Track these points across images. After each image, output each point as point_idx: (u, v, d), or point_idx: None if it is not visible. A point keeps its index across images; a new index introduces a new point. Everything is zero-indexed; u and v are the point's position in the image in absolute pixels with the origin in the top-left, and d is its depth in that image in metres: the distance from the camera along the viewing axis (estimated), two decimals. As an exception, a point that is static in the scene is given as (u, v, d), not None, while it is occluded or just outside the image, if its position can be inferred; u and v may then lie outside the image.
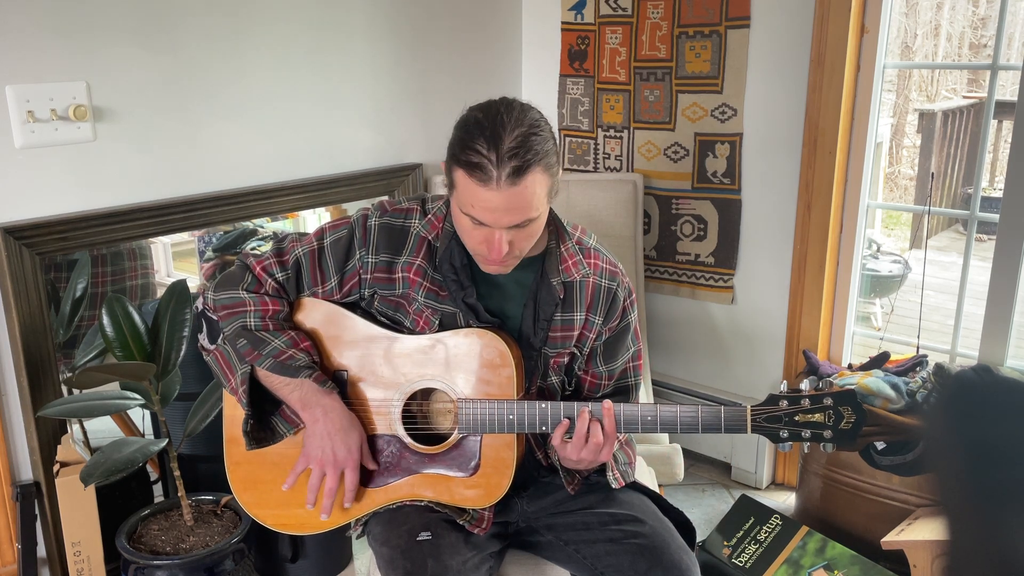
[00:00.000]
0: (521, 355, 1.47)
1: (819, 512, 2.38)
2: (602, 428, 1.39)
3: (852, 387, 1.34)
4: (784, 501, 2.68)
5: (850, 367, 2.49)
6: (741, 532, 2.24)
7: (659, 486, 2.08)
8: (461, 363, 1.44)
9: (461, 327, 1.46)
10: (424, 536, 1.42)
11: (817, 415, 1.34)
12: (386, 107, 2.60)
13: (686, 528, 1.56)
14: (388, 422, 1.47)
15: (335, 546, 2.23)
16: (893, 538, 2.09)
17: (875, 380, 2.25)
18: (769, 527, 2.24)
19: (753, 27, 2.54)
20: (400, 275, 1.47)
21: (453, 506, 1.48)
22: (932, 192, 5.94)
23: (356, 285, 1.49)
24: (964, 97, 7.06)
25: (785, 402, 1.35)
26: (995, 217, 2.25)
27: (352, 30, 2.47)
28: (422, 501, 1.47)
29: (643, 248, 2.81)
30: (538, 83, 3.01)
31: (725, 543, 2.23)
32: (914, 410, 2.18)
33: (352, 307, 1.51)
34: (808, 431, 1.34)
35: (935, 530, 2.05)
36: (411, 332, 1.48)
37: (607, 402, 1.40)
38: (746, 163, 2.65)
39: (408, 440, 1.47)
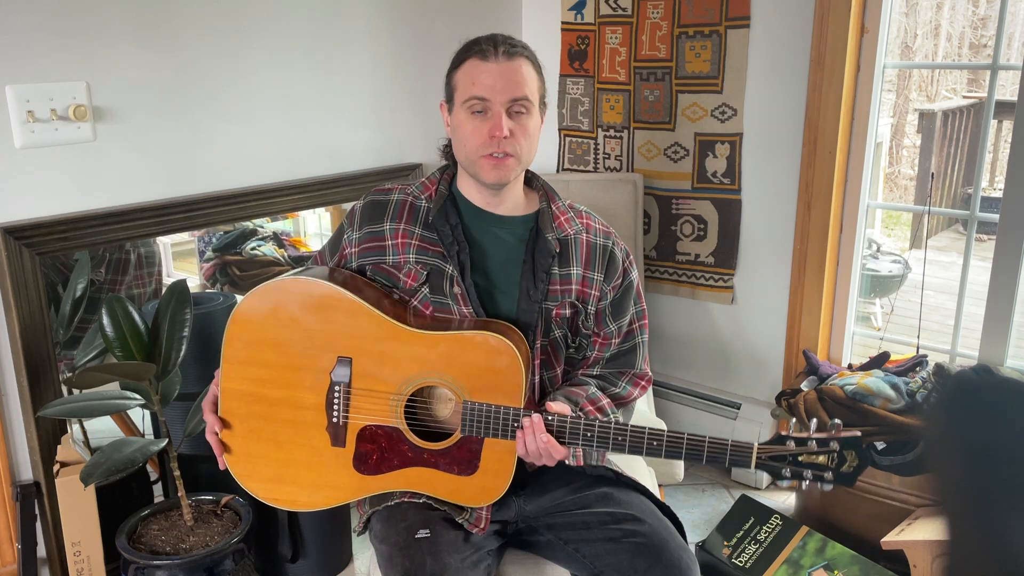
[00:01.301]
0: (530, 359, 1.49)
1: (819, 512, 2.38)
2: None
3: (857, 434, 1.35)
4: (784, 501, 2.68)
5: (850, 367, 2.49)
6: (741, 532, 2.24)
7: (659, 486, 2.08)
8: (470, 364, 1.44)
9: (448, 283, 1.51)
10: (423, 534, 1.42)
11: (821, 458, 1.35)
12: (386, 107, 2.60)
13: (676, 524, 1.57)
14: (390, 413, 1.46)
15: (335, 546, 2.23)
16: (893, 538, 2.09)
17: (875, 380, 2.25)
18: (769, 527, 2.24)
19: (753, 27, 2.54)
20: (389, 242, 1.55)
21: (451, 503, 1.48)
22: (932, 192, 5.94)
23: (343, 259, 1.59)
24: (964, 97, 7.06)
25: (792, 443, 1.36)
26: (995, 217, 2.25)
27: (352, 30, 2.47)
28: (419, 495, 1.48)
29: (643, 248, 2.81)
30: (538, 83, 3.01)
31: (725, 543, 2.23)
32: (914, 410, 2.18)
33: (367, 297, 1.50)
34: (810, 471, 1.35)
35: (935, 530, 2.05)
36: (416, 318, 1.51)
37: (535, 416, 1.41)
38: (746, 163, 2.65)
39: (409, 434, 1.47)
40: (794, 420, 1.41)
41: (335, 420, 1.47)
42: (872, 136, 2.47)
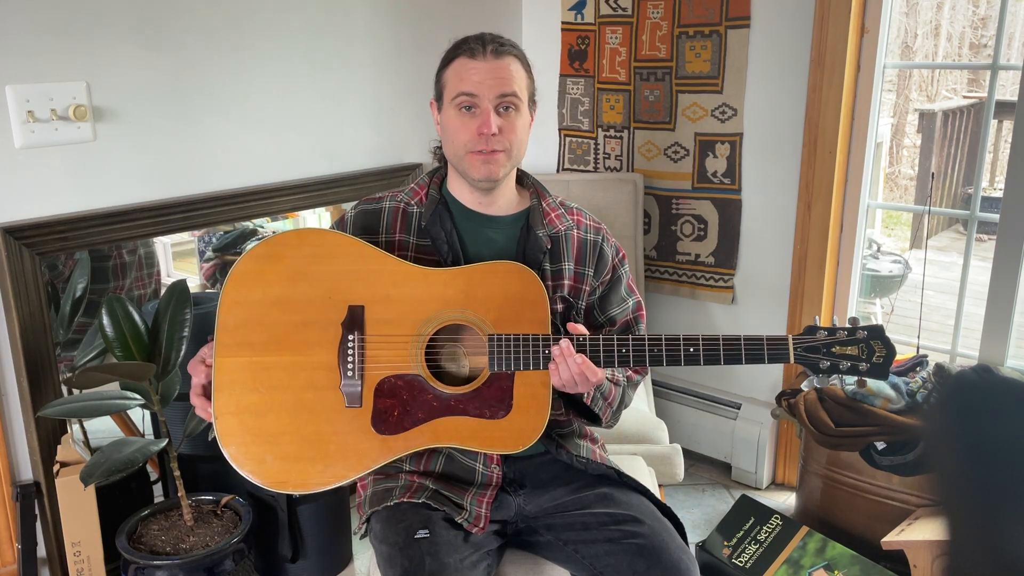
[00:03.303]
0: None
1: (819, 512, 2.38)
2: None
3: (880, 324, 1.40)
4: (784, 501, 2.67)
5: (850, 367, 2.49)
6: (741, 532, 2.24)
7: (659, 486, 2.08)
8: (492, 296, 1.39)
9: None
10: (422, 534, 1.42)
11: (851, 348, 1.38)
12: (386, 107, 2.60)
13: (676, 525, 1.57)
14: (410, 360, 1.39)
15: (335, 546, 2.23)
16: (893, 538, 2.09)
17: (875, 380, 2.25)
18: (769, 527, 2.24)
19: (753, 27, 2.54)
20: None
21: (453, 501, 1.47)
22: (932, 192, 5.94)
23: None
24: (964, 97, 7.06)
25: (823, 332, 1.39)
26: (995, 217, 2.25)
27: (352, 30, 2.47)
28: (443, 447, 1.39)
29: (643, 248, 2.81)
30: (538, 83, 3.00)
31: (725, 543, 2.23)
32: (914, 410, 2.18)
33: (377, 244, 1.48)
34: (846, 363, 1.38)
35: (935, 530, 2.05)
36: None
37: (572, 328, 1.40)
38: (746, 163, 2.65)
39: (432, 380, 1.38)
40: (817, 317, 1.46)
41: (350, 373, 1.38)
42: (872, 136, 2.47)
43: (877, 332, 1.38)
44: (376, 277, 1.40)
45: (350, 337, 1.39)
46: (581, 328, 1.41)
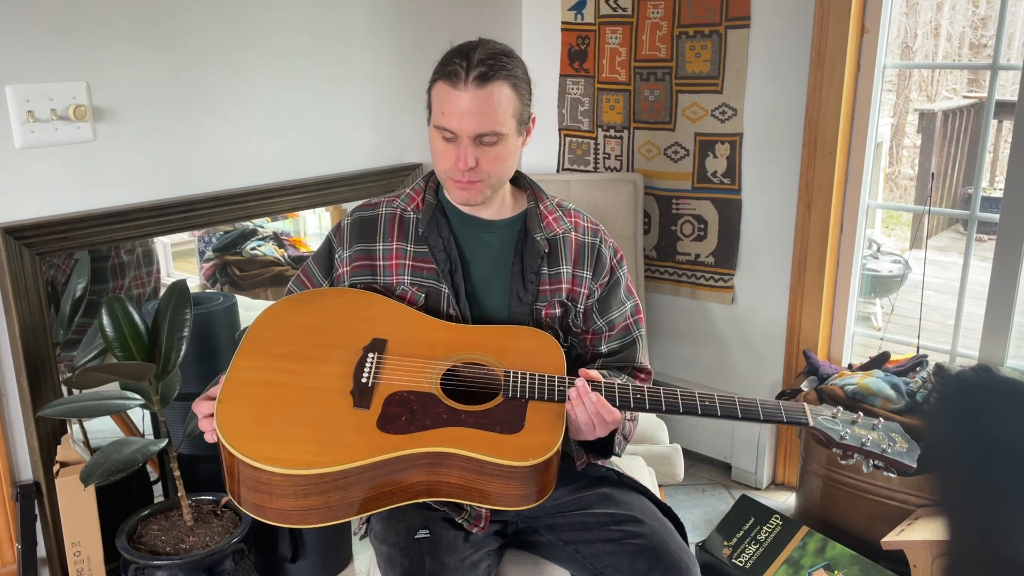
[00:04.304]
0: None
1: (819, 512, 2.38)
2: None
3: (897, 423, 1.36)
4: (784, 501, 2.67)
5: (850, 367, 2.49)
6: (741, 532, 2.24)
7: (659, 486, 2.08)
8: (511, 348, 1.44)
9: (445, 304, 1.51)
10: (423, 534, 1.42)
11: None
12: (386, 107, 2.60)
13: (676, 525, 1.57)
14: (424, 383, 1.39)
15: (335, 546, 2.23)
16: (893, 538, 2.09)
17: (875, 380, 2.25)
18: (769, 527, 2.24)
19: (753, 27, 2.54)
20: (380, 262, 1.54)
21: (451, 501, 1.46)
22: (932, 192, 5.94)
23: (338, 280, 1.57)
24: (964, 97, 7.06)
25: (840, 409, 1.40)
26: (995, 217, 2.25)
27: (352, 30, 2.47)
28: (448, 451, 1.30)
29: (643, 248, 2.81)
30: (538, 83, 3.00)
31: (725, 543, 2.23)
32: (914, 410, 2.18)
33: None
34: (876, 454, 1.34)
35: (935, 530, 2.05)
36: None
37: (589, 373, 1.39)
38: (746, 163, 2.65)
39: (444, 398, 1.37)
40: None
41: (364, 381, 1.36)
42: (872, 136, 2.46)
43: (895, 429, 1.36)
44: (404, 324, 1.46)
45: (370, 355, 1.41)
46: (594, 374, 1.39)
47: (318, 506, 1.26)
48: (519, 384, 1.37)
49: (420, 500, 1.35)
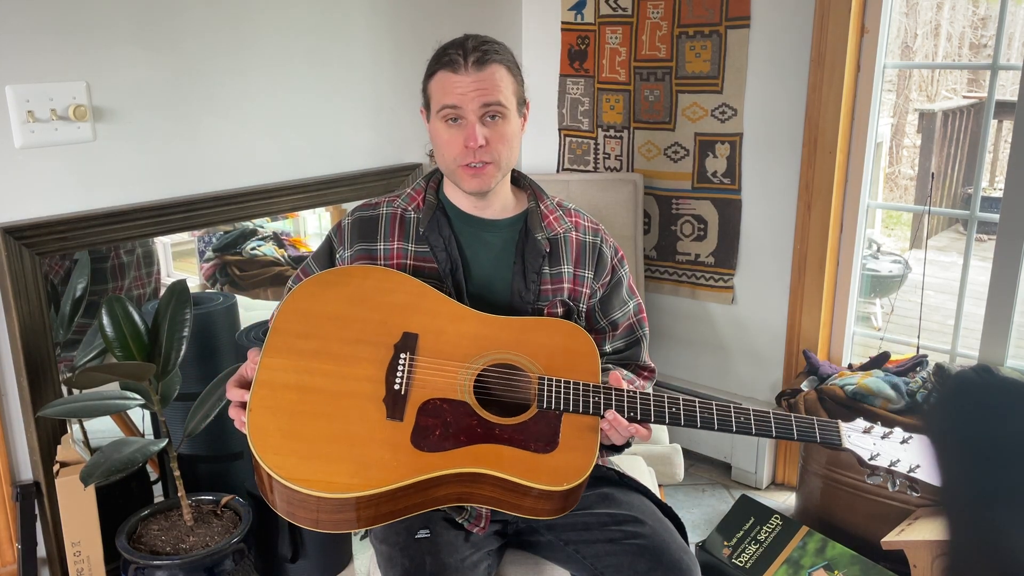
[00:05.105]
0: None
1: (819, 512, 2.38)
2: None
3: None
4: (784, 501, 2.68)
5: (850, 367, 2.49)
6: (741, 532, 2.24)
7: (659, 486, 2.08)
8: (545, 345, 1.42)
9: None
10: (423, 534, 1.42)
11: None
12: (386, 107, 2.60)
13: (677, 525, 1.57)
14: (459, 389, 1.38)
15: (335, 546, 2.23)
16: (893, 538, 2.09)
17: (875, 380, 2.25)
18: (769, 527, 2.24)
19: (753, 27, 2.54)
20: (382, 263, 1.53)
21: (454, 504, 1.47)
22: (932, 192, 5.94)
23: None
24: (964, 97, 7.06)
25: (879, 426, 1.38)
26: (995, 217, 2.25)
27: (352, 30, 2.47)
28: (483, 472, 1.30)
29: (643, 248, 2.81)
30: (538, 83, 3.01)
31: (725, 543, 2.23)
32: (914, 410, 2.18)
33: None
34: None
35: (935, 530, 2.05)
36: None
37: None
38: (746, 163, 2.65)
39: (479, 408, 1.35)
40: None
41: (396, 387, 1.34)
42: (872, 136, 2.47)
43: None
44: (433, 313, 1.43)
45: (401, 356, 1.38)
46: (622, 383, 1.39)
47: (351, 519, 1.30)
48: (553, 395, 1.36)
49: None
